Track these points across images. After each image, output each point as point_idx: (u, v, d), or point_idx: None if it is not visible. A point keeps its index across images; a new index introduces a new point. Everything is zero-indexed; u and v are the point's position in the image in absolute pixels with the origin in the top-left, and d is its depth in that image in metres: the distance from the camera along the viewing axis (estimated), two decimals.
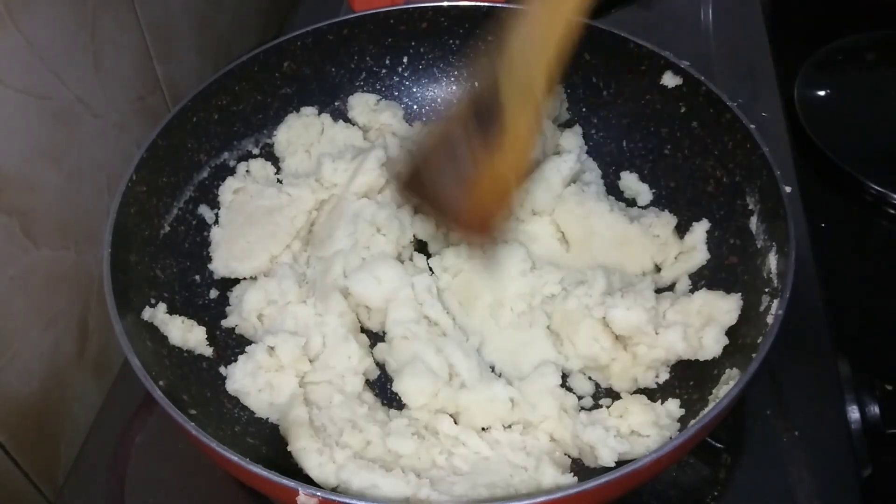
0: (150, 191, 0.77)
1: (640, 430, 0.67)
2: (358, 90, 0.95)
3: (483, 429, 0.71)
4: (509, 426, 0.71)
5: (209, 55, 1.07)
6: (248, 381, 0.72)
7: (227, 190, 0.85)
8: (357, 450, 0.67)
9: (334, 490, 0.63)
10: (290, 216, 0.84)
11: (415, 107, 0.98)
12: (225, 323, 0.80)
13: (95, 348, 0.84)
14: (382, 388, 0.77)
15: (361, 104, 0.94)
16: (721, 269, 0.78)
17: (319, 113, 0.93)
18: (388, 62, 0.95)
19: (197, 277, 0.81)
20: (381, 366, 0.78)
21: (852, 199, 1.03)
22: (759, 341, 0.64)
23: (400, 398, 0.73)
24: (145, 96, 0.91)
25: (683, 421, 0.68)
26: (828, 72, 1.17)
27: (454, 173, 0.69)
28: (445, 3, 0.91)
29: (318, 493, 0.53)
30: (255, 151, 0.90)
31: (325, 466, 0.65)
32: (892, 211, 1.00)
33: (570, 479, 0.65)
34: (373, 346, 0.79)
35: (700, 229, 0.80)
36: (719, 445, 0.73)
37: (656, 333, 0.72)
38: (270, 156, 0.91)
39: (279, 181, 0.89)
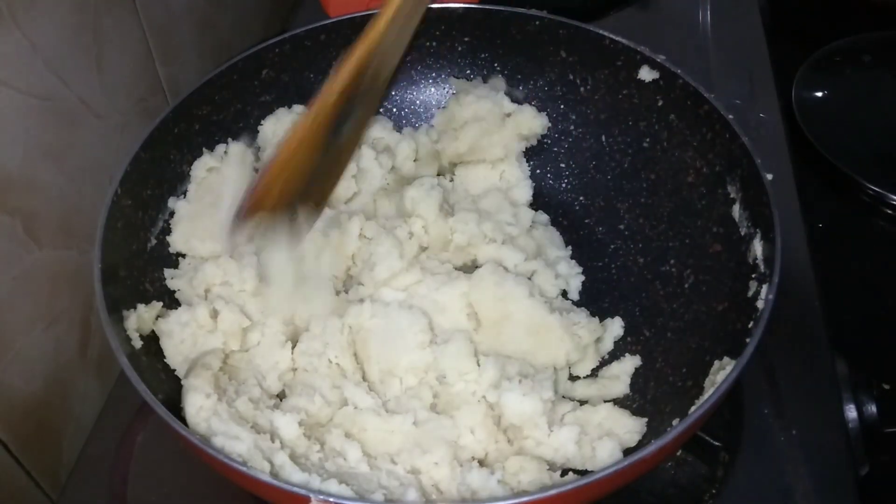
0: (136, 204, 0.76)
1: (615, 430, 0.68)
2: None
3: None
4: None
5: (211, 57, 1.07)
6: (176, 328, 0.71)
7: (201, 166, 0.84)
8: (242, 412, 0.66)
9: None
10: None
11: (394, 109, 0.98)
12: (169, 283, 0.78)
13: (97, 348, 0.85)
14: None
15: None
16: (706, 258, 0.78)
17: None
18: None
19: None
20: None
21: (850, 199, 1.03)
22: (749, 326, 0.64)
23: None
24: (147, 97, 0.92)
25: (675, 411, 0.68)
26: (825, 73, 1.17)
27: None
28: None
29: (331, 500, 0.53)
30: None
31: (203, 412, 0.64)
32: (890, 211, 1.01)
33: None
34: None
35: (629, 363, 0.76)
36: (717, 443, 0.73)
37: (550, 430, 0.67)
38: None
39: (256, 171, 0.87)
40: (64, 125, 0.77)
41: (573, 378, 0.78)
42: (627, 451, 0.67)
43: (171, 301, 0.78)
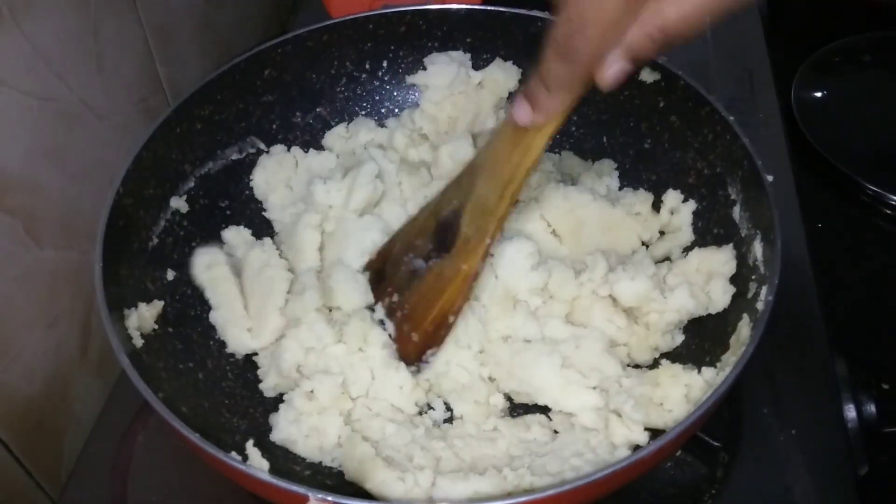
0: (137, 203, 0.76)
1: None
2: (339, 97, 0.95)
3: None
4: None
5: (211, 57, 1.08)
6: (293, 429, 0.70)
7: (201, 267, 0.80)
8: (432, 467, 0.65)
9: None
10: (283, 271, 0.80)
11: (396, 110, 0.98)
12: (263, 387, 0.76)
13: (98, 348, 0.85)
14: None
15: (335, 138, 0.94)
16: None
17: (289, 148, 0.92)
18: (368, 67, 0.95)
19: (188, 290, 0.80)
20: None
21: (849, 199, 1.03)
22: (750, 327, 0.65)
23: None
24: (148, 98, 0.92)
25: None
26: (825, 73, 1.17)
27: (410, 278, 0.74)
28: (423, 7, 0.91)
29: (329, 498, 0.53)
30: (238, 157, 0.90)
31: (413, 491, 0.63)
32: (889, 211, 1.01)
33: (641, 434, 0.65)
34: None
35: (686, 210, 0.82)
36: (716, 444, 0.73)
37: (664, 297, 0.73)
38: (249, 192, 0.90)
39: (254, 237, 0.86)
40: (64, 125, 0.77)
41: (646, 245, 0.84)
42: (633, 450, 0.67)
43: (173, 300, 0.78)
